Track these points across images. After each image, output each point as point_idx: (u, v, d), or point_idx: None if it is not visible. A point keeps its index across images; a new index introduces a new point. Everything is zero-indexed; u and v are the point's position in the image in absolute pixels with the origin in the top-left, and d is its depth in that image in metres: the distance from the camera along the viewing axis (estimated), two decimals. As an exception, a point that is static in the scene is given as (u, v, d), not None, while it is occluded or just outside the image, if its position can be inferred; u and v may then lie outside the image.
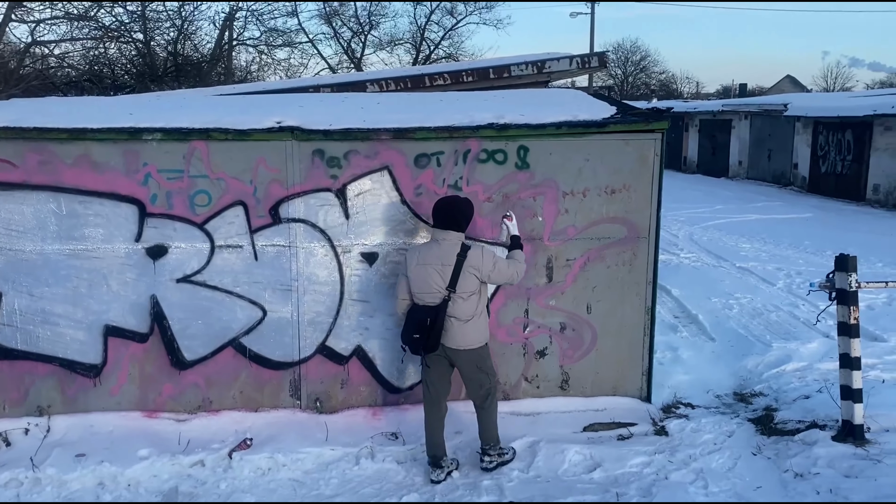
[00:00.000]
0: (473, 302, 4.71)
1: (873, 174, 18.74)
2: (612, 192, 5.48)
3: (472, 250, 4.67)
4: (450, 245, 4.65)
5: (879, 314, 8.08)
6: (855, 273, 4.92)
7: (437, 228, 4.69)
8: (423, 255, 4.69)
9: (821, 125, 21.16)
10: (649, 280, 5.63)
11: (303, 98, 6.69)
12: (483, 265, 4.66)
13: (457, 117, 5.42)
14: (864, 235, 13.41)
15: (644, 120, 5.41)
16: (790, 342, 7.11)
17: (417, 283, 4.69)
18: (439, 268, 4.63)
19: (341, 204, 5.32)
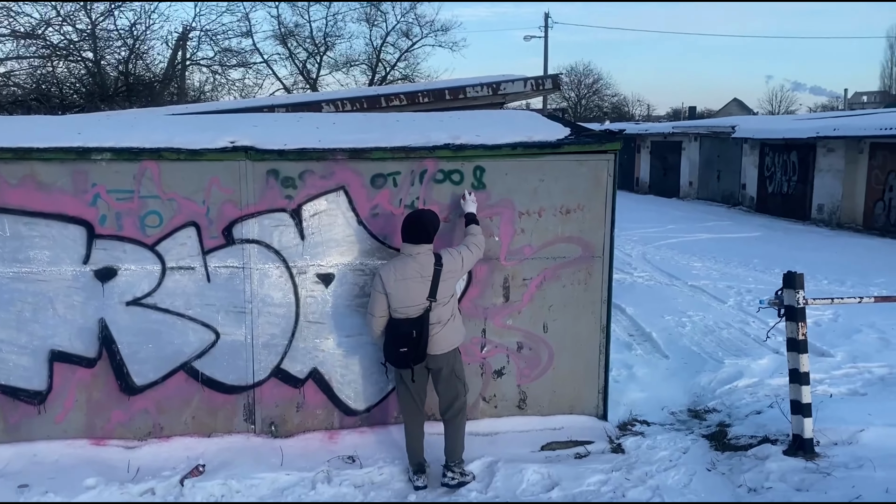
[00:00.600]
0: (451, 304, 4.87)
1: (817, 194, 19.35)
2: (566, 211, 5.54)
3: (444, 257, 4.80)
4: (425, 257, 4.74)
5: (826, 330, 8.30)
6: (802, 290, 5.04)
7: (410, 243, 4.75)
8: (401, 271, 4.73)
9: (767, 147, 21.80)
10: (604, 299, 5.68)
11: (257, 118, 6.63)
12: (457, 264, 4.82)
13: (413, 137, 5.43)
14: (810, 253, 13.80)
15: (597, 141, 5.49)
16: (741, 358, 7.25)
17: (399, 298, 4.72)
18: (419, 280, 4.70)
19: (296, 224, 5.27)
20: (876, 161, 17.55)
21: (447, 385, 4.94)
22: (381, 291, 4.79)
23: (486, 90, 9.08)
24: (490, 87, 9.06)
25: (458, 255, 4.86)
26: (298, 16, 38.87)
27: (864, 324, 8.39)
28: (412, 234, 4.75)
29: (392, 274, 4.75)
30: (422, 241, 4.74)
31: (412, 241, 4.74)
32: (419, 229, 4.74)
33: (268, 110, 8.61)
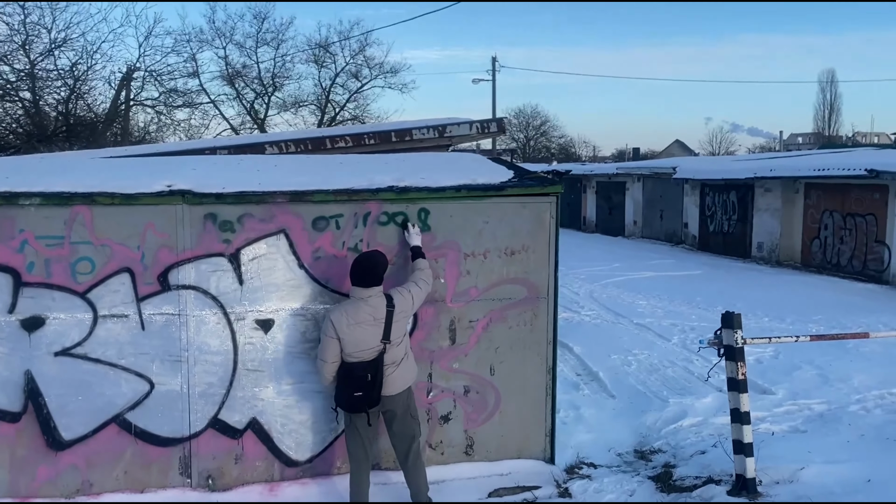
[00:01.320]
0: (404, 344, 4.87)
1: (756, 232, 19.93)
2: (511, 253, 5.56)
3: (395, 297, 4.79)
4: (376, 300, 4.72)
5: (768, 367, 8.45)
6: (740, 330, 5.12)
7: (361, 287, 4.70)
8: (353, 315, 4.68)
9: (707, 187, 22.43)
10: (550, 340, 5.68)
11: (197, 161, 6.52)
12: (408, 303, 4.83)
13: (357, 180, 5.41)
14: (751, 291, 14.12)
15: (540, 184, 5.55)
16: (686, 397, 7.31)
17: (353, 342, 4.68)
18: (372, 323, 4.68)
19: (235, 269, 5.16)
20: (811, 200, 18.20)
21: (403, 425, 4.89)
22: (334, 336, 4.71)
23: (432, 133, 9.11)
24: (436, 130, 9.10)
25: (409, 293, 4.87)
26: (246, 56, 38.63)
27: (804, 360, 8.57)
28: (363, 278, 4.71)
29: (344, 318, 4.69)
30: (373, 283, 4.72)
31: (363, 285, 4.71)
32: (370, 272, 4.72)
33: (210, 152, 8.47)
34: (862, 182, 15.93)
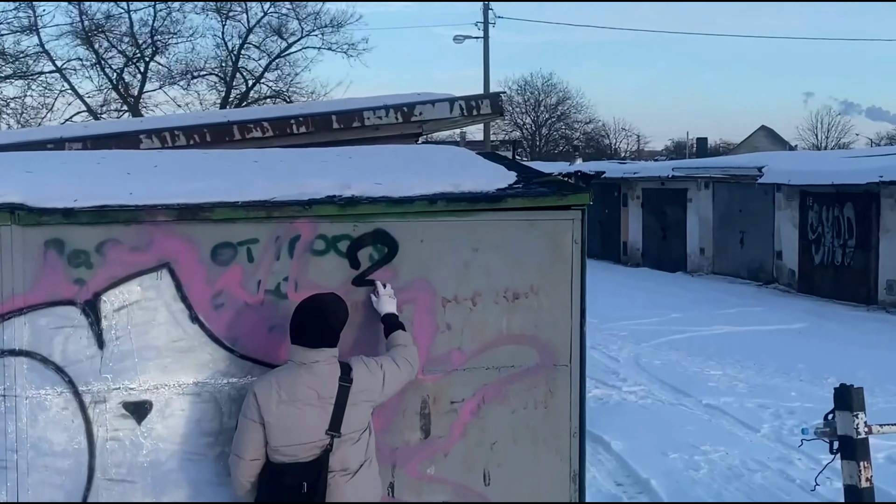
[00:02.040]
0: (364, 442, 4.89)
1: (885, 265, 20.15)
2: (514, 297, 5.58)
3: (355, 369, 4.86)
4: (326, 368, 4.78)
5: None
6: (863, 412, 5.16)
7: (303, 346, 4.78)
8: (289, 388, 4.75)
9: (810, 196, 22.72)
10: (574, 430, 5.70)
11: (34, 159, 6.51)
12: (375, 383, 4.89)
13: (279, 187, 5.44)
14: (880, 353, 14.27)
15: (557, 192, 5.60)
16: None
17: (282, 431, 4.72)
18: (316, 403, 4.73)
19: (91, 325, 5.13)
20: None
21: None
22: (257, 420, 4.75)
23: (393, 115, 9.18)
24: (400, 112, 9.18)
25: (378, 368, 4.94)
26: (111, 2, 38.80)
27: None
28: (308, 333, 4.80)
29: (274, 392, 4.75)
30: (322, 342, 4.79)
31: (307, 344, 4.78)
32: (318, 324, 4.81)
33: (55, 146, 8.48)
34: None
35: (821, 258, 22.36)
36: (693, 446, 9.38)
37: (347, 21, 41.67)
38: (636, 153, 78.60)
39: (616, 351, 14.71)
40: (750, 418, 10.49)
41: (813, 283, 22.48)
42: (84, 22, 37.96)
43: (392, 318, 5.23)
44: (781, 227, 23.91)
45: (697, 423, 10.32)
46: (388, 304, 5.28)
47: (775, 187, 23.74)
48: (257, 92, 41.80)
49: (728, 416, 10.63)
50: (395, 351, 5.09)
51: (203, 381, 5.26)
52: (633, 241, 31.43)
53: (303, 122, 9.13)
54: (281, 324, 5.27)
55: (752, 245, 25.47)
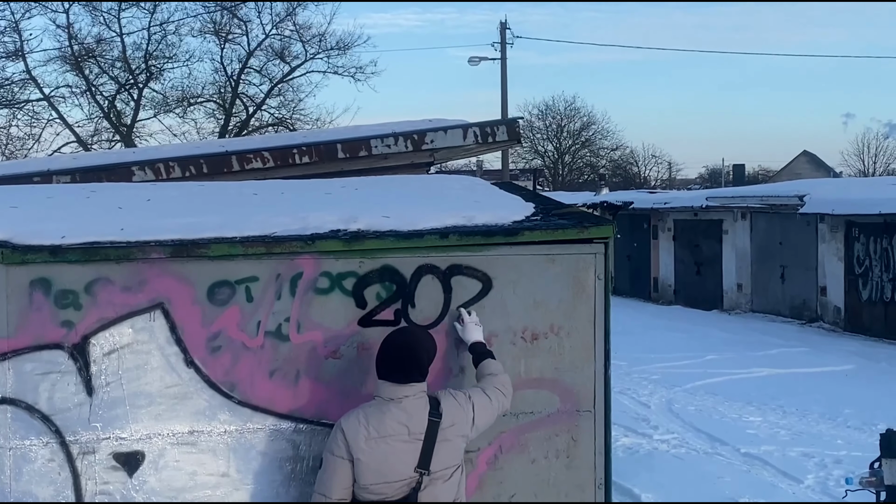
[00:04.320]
0: (455, 480, 4.97)
1: (938, 301, 20.09)
2: (532, 338, 5.61)
3: (443, 403, 4.94)
4: (415, 403, 4.86)
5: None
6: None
7: (392, 383, 4.87)
8: (377, 425, 4.82)
9: (856, 227, 22.67)
10: (600, 482, 5.70)
11: (20, 193, 6.59)
12: (465, 416, 4.96)
13: (281, 221, 5.48)
14: (934, 397, 14.19)
15: (577, 224, 5.63)
16: (829, 574, 7.30)
17: (372, 468, 4.79)
18: (406, 440, 4.81)
19: (80, 370, 5.15)
20: None
21: None
22: (345, 457, 4.83)
23: (403, 143, 9.25)
24: (409, 140, 9.25)
25: (467, 400, 5.02)
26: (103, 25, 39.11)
27: None
28: (396, 368, 4.88)
29: (363, 429, 4.82)
30: (412, 378, 4.88)
31: (396, 380, 4.87)
32: (408, 358, 4.89)
33: (41, 180, 8.57)
34: None
35: (869, 294, 22.25)
36: (731, 499, 9.33)
37: (355, 43, 41.81)
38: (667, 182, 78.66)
39: (647, 396, 14.65)
40: (793, 468, 10.42)
41: (861, 321, 22.36)
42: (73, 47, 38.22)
43: (480, 346, 5.29)
44: (826, 260, 23.82)
45: (736, 475, 10.26)
46: (474, 332, 5.34)
47: (818, 217, 23.68)
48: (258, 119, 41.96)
49: (769, 466, 10.57)
50: (485, 381, 5.16)
51: (199, 429, 5.28)
52: (664, 276, 31.35)
53: (306, 151, 9.20)
54: (282, 368, 5.33)
55: (794, 280, 25.36)
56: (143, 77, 40.18)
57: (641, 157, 79.23)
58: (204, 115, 42.31)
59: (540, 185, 57.24)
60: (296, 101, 42.55)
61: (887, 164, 79.80)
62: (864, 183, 34.15)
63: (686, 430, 12.36)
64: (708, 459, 10.97)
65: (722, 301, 27.98)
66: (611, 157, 75.50)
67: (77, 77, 39.02)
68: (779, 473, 10.29)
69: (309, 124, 40.77)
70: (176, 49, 40.51)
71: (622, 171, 75.68)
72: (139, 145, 35.88)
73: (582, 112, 73.03)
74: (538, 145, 72.42)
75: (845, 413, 13.17)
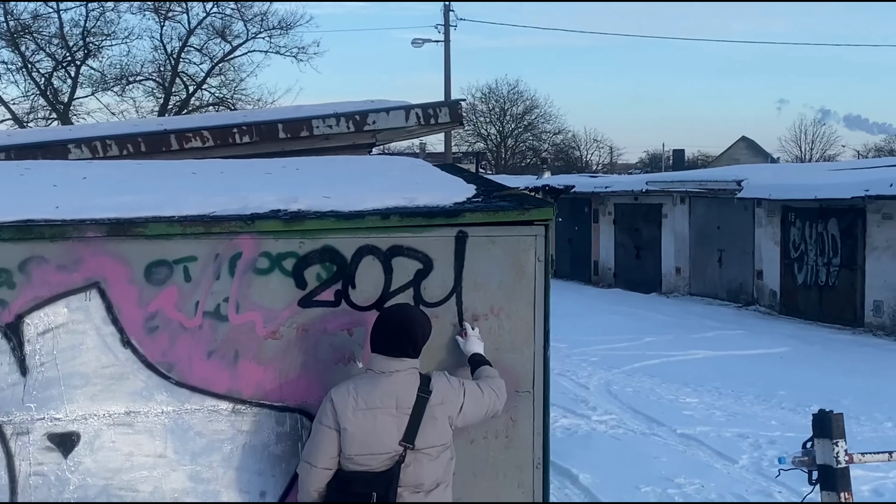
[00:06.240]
0: (443, 461, 5.01)
1: (872, 285, 20.40)
2: (473, 319, 5.60)
3: (435, 381, 5.02)
4: (405, 378, 4.94)
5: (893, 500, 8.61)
6: (843, 440, 5.24)
7: (383, 355, 4.96)
8: (367, 396, 4.89)
9: (793, 212, 22.96)
10: (538, 461, 5.72)
11: (-48, 170, 6.48)
12: (455, 398, 5.02)
13: (220, 201, 5.44)
14: (867, 379, 14.44)
15: (518, 206, 5.64)
16: (763, 554, 7.41)
17: (359, 438, 4.85)
18: (394, 412, 4.88)
19: (13, 349, 5.09)
20: (956, 233, 18.80)
21: None
22: (332, 426, 4.89)
23: (344, 124, 9.21)
24: (351, 121, 9.21)
25: (460, 386, 5.07)
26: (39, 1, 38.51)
27: (949, 490, 8.77)
28: (390, 342, 4.97)
29: (351, 399, 4.90)
30: (406, 353, 4.96)
31: (389, 353, 4.95)
32: (402, 333, 4.98)
33: (-25, 156, 8.43)
34: None
35: (804, 278, 22.57)
36: (667, 479, 9.44)
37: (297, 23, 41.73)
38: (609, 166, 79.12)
39: (585, 378, 14.76)
40: (727, 449, 10.57)
41: (796, 304, 22.68)
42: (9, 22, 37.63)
43: (478, 357, 5.33)
44: (762, 244, 24.11)
45: (672, 455, 10.38)
46: (475, 345, 5.39)
47: (756, 202, 23.94)
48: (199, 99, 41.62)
49: (704, 446, 10.71)
50: (482, 380, 5.19)
51: (136, 410, 5.23)
52: (604, 260, 31.57)
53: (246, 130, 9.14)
54: (220, 349, 5.30)
55: (732, 264, 25.66)
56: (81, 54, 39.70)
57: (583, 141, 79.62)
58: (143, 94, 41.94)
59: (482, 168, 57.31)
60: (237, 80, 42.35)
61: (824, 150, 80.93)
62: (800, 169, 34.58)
63: (624, 412, 12.49)
64: (645, 440, 11.09)
65: (661, 284, 28.25)
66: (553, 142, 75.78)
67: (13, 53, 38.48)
68: (714, 454, 10.42)
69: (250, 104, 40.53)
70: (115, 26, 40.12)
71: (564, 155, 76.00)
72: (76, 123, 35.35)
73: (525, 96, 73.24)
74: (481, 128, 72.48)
75: (779, 394, 13.36)
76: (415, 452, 4.87)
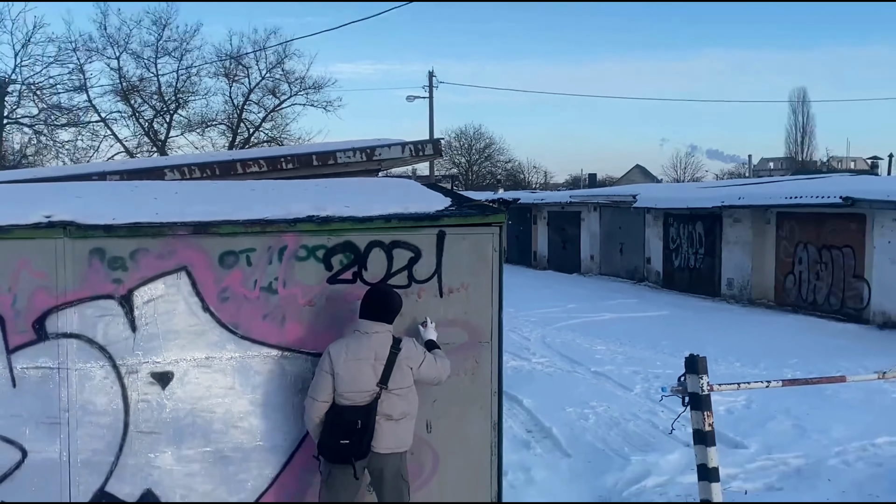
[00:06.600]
0: (406, 399, 4.99)
1: (726, 268, 20.54)
2: (449, 291, 5.60)
3: (405, 341, 5.02)
4: (382, 337, 4.95)
5: (739, 418, 8.67)
6: (706, 375, 5.27)
7: (368, 320, 4.97)
8: (354, 349, 4.91)
9: (671, 217, 23.07)
10: (494, 391, 5.72)
11: (82, 187, 6.42)
12: (417, 356, 5.01)
13: (271, 209, 5.41)
14: (722, 333, 14.52)
15: (480, 213, 5.64)
16: (650, 454, 7.44)
17: (347, 380, 4.87)
18: (373, 362, 4.89)
19: (126, 313, 5.06)
20: (784, 232, 18.89)
21: (393, 488, 5.00)
22: (328, 371, 4.90)
23: (359, 155, 9.18)
24: (364, 153, 9.18)
25: (423, 352, 5.08)
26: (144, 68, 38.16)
27: (779, 410, 8.83)
28: (371, 310, 4.98)
29: (343, 352, 4.91)
30: (382, 319, 4.98)
31: (371, 318, 4.97)
32: (379, 306, 4.99)
33: (98, 178, 8.34)
34: (838, 211, 16.59)
35: (679, 263, 22.70)
36: (584, 402, 9.48)
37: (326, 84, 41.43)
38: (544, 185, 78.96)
39: (528, 332, 14.81)
40: (626, 381, 10.64)
41: (673, 281, 22.80)
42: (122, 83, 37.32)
43: (432, 342, 5.28)
44: (650, 239, 24.21)
45: (587, 386, 10.44)
46: (431, 333, 5.34)
47: (646, 210, 24.02)
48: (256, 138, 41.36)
49: (610, 380, 10.78)
50: (435, 354, 5.17)
51: (212, 355, 5.22)
52: (541, 250, 31.61)
53: (290, 160, 9.08)
54: (272, 313, 5.28)
55: (629, 253, 25.76)
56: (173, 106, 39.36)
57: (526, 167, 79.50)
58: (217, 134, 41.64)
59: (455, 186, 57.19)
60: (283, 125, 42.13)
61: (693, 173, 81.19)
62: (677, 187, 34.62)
63: (554, 356, 12.53)
64: (569, 376, 11.13)
65: (580, 267, 28.29)
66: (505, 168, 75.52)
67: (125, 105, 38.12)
68: (617, 385, 10.47)
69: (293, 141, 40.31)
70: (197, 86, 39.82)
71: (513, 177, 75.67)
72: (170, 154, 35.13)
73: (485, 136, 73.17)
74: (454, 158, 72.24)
75: (662, 344, 13.43)
76: (387, 392, 4.90)
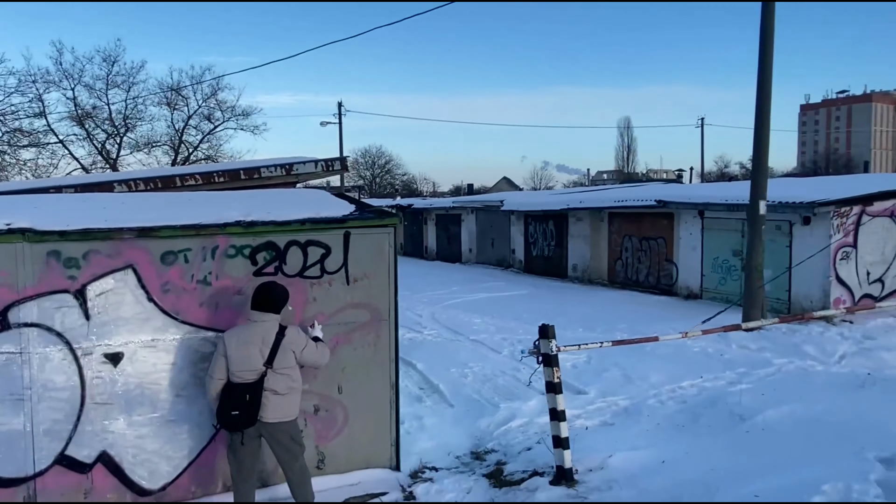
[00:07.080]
0: (288, 377, 4.79)
1: (571, 256, 21.20)
2: (354, 280, 5.58)
3: (289, 329, 4.82)
4: (269, 325, 4.76)
5: (581, 371, 8.98)
6: (555, 339, 5.44)
7: (256, 311, 4.78)
8: (244, 335, 4.73)
9: (530, 217, 23.58)
10: (392, 358, 5.74)
11: (39, 199, 6.01)
12: (300, 342, 4.83)
13: (205, 215, 5.24)
14: (569, 306, 14.92)
15: (378, 217, 5.63)
16: (514, 402, 7.61)
17: (238, 361, 4.70)
18: (260, 346, 4.70)
19: (81, 305, 4.80)
20: (614, 227, 19.67)
21: (285, 449, 4.86)
22: (223, 354, 4.74)
23: (279, 171, 8.97)
24: (284, 168, 8.98)
25: (304, 339, 4.89)
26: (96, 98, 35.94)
27: (611, 363, 9.19)
28: (259, 302, 4.77)
29: (235, 337, 4.74)
30: (268, 309, 4.77)
31: (259, 309, 4.77)
32: (266, 299, 4.79)
33: (55, 191, 7.83)
34: (653, 210, 17.46)
35: (536, 252, 23.23)
36: (464, 364, 9.57)
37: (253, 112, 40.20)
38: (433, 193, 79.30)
39: (420, 310, 14.81)
40: (497, 346, 10.79)
41: (532, 267, 23.31)
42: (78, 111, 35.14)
43: (317, 338, 5.13)
44: (514, 235, 24.67)
45: (467, 351, 10.52)
46: (318, 332, 5.22)
47: (511, 212, 24.44)
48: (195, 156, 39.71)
49: (484, 345, 10.90)
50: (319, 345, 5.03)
51: (156, 337, 5.03)
52: (430, 244, 31.71)
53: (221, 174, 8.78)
54: (206, 301, 5.12)
55: (499, 246, 26.16)
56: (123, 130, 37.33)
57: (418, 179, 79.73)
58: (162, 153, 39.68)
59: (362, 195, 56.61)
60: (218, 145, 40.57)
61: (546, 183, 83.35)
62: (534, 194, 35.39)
63: (441, 329, 12.58)
64: (452, 343, 11.18)
65: (461, 258, 28.52)
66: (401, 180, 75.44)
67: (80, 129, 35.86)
68: (489, 349, 10.59)
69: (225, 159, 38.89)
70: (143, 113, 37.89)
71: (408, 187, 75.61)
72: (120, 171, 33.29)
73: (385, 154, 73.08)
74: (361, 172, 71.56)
75: (524, 316, 13.65)
76: (273, 371, 4.75)
